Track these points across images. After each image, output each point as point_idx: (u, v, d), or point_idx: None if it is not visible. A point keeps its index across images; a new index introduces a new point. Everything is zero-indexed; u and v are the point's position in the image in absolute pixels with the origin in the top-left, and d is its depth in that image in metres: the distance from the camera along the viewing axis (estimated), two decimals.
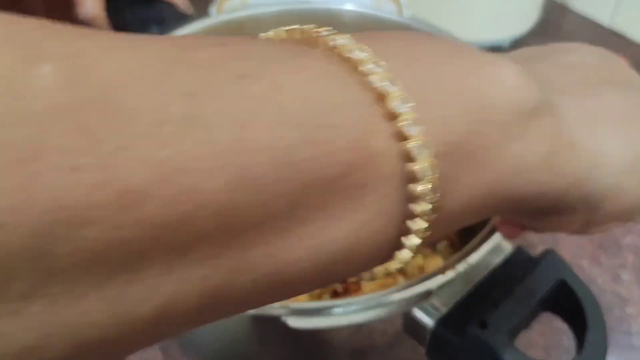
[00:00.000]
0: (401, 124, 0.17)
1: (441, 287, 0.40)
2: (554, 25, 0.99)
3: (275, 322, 0.37)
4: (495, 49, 0.91)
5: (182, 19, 0.63)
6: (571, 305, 0.40)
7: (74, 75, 0.13)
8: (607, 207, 0.25)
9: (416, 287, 0.39)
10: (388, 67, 0.17)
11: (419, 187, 0.17)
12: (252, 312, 0.37)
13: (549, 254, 0.41)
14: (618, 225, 0.28)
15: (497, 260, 0.42)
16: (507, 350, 0.37)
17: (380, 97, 0.17)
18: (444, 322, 0.39)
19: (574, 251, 0.67)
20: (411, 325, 0.42)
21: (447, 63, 0.19)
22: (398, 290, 0.38)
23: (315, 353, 0.45)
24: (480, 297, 0.40)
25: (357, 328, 0.43)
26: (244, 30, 0.64)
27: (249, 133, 0.15)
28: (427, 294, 0.39)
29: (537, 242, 0.67)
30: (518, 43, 0.94)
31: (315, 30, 0.19)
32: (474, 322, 0.38)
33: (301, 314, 0.37)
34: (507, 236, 0.40)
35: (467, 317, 0.39)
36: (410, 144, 0.17)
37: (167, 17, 0.62)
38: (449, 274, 0.39)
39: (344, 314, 0.37)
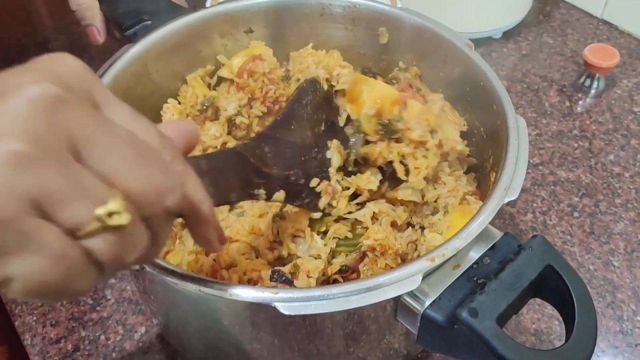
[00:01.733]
0: None
1: (430, 273, 0.41)
2: (546, 16, 0.99)
3: (267, 309, 0.38)
4: (488, 39, 0.92)
5: (176, 10, 0.63)
6: (559, 290, 0.40)
7: None
8: None
9: (405, 273, 0.39)
10: None
11: None
12: (245, 299, 0.38)
13: (536, 239, 0.41)
14: None
15: (486, 246, 0.42)
16: (496, 336, 0.37)
17: None
18: (433, 307, 0.40)
19: (565, 238, 0.67)
20: (402, 311, 0.42)
21: None
22: (387, 276, 0.39)
23: (308, 340, 0.46)
24: (468, 283, 0.41)
25: (349, 315, 0.43)
26: (237, 21, 0.65)
27: None
28: (417, 280, 0.39)
29: (527, 229, 0.68)
30: (510, 33, 0.94)
31: None
32: (463, 307, 0.38)
33: (292, 301, 0.38)
34: None
35: (456, 303, 0.40)
36: None
37: (161, 8, 0.62)
38: (438, 260, 0.40)
39: (333, 299, 0.38)
